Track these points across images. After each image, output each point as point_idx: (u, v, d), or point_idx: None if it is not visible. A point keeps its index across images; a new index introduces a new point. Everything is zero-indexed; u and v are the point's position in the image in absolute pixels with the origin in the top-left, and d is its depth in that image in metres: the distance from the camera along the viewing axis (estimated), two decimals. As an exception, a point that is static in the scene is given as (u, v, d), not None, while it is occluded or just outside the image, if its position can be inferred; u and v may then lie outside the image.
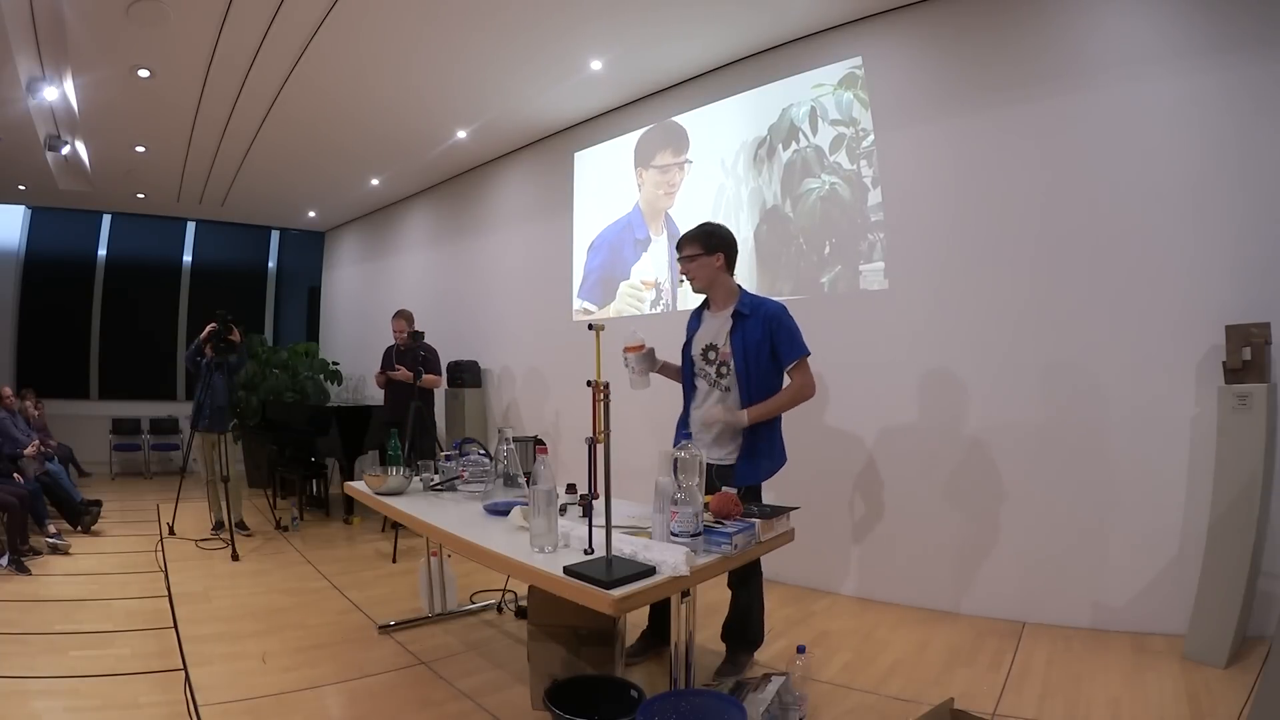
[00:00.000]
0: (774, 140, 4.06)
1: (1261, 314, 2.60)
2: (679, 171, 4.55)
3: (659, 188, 4.70)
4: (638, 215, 4.85)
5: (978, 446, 3.26)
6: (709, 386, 2.52)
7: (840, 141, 3.78)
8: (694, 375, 2.58)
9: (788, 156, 3.99)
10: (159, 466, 7.73)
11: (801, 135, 3.93)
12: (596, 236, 5.14)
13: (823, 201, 3.82)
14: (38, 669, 2.53)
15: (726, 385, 2.47)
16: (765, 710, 1.95)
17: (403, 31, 3.90)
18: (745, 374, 2.43)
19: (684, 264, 2.54)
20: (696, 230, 2.56)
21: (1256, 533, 2.48)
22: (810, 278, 3.87)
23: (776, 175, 4.03)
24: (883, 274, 3.61)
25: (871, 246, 3.64)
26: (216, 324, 4.61)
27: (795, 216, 3.95)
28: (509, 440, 2.66)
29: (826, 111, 3.83)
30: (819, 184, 3.84)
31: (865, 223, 3.66)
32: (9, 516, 3.90)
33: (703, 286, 2.56)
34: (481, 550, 1.97)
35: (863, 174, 3.68)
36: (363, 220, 8.49)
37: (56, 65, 4.19)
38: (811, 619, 3.22)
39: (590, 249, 5.17)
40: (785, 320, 2.46)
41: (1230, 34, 2.75)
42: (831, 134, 3.81)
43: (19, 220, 7.75)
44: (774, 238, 4.05)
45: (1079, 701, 2.28)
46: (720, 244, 2.52)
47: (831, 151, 3.81)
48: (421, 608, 3.18)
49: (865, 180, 3.67)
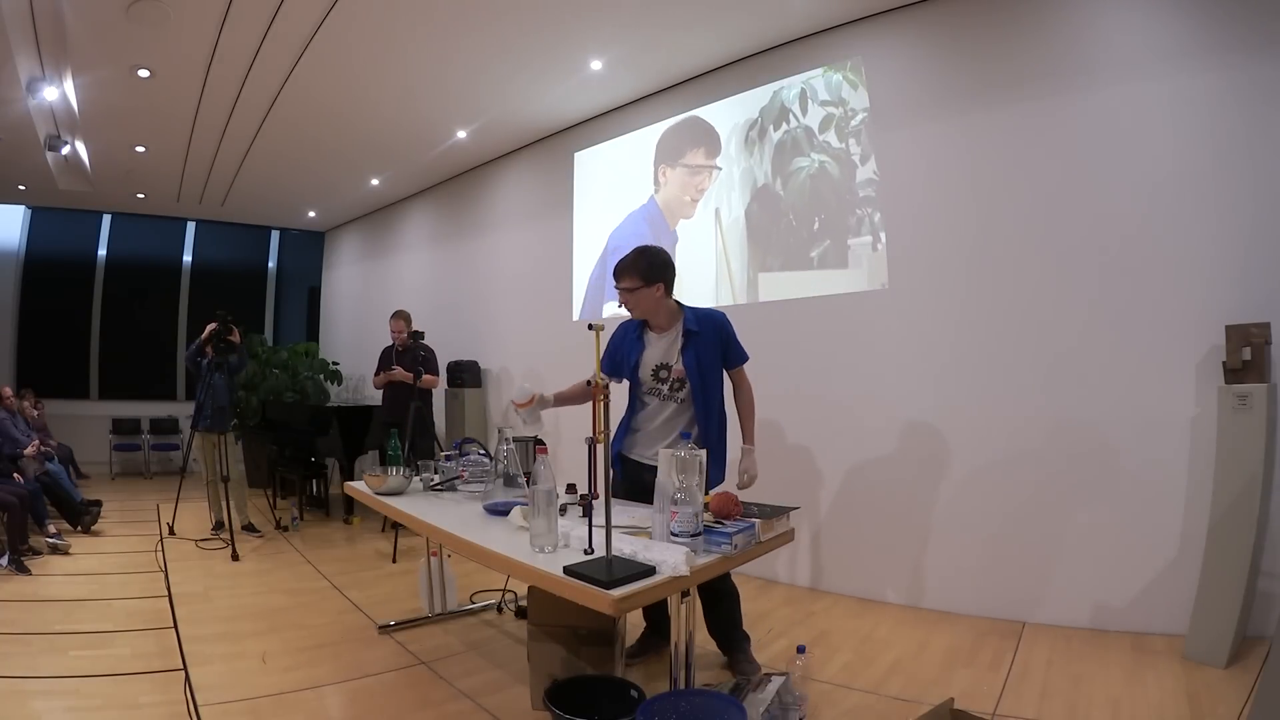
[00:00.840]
0: (765, 122, 4.12)
1: (1261, 314, 2.60)
2: (709, 176, 4.43)
3: (685, 190, 4.56)
4: (656, 211, 4.72)
5: (977, 446, 3.26)
6: (660, 401, 2.52)
7: (830, 121, 3.84)
8: (643, 394, 2.56)
9: (778, 137, 4.06)
10: (159, 466, 7.73)
11: (792, 116, 3.99)
12: (612, 238, 4.97)
13: (812, 179, 3.90)
14: (38, 669, 2.52)
15: (681, 398, 2.49)
16: (765, 710, 1.95)
17: (403, 32, 3.90)
18: (701, 387, 2.46)
19: (623, 295, 2.46)
20: (633, 261, 2.45)
21: (1256, 533, 2.48)
22: (800, 252, 3.94)
23: (768, 155, 4.11)
24: (870, 247, 3.66)
25: (859, 221, 3.71)
26: (217, 324, 4.61)
27: (785, 194, 4.01)
28: (509, 440, 2.65)
29: (816, 93, 3.90)
30: (809, 162, 3.91)
31: (854, 198, 3.73)
32: (9, 516, 3.90)
33: (644, 315, 2.53)
34: (481, 550, 1.97)
35: (851, 152, 3.75)
36: (363, 220, 8.49)
37: (56, 65, 4.20)
38: (811, 619, 3.22)
39: (611, 252, 4.93)
40: (729, 326, 2.54)
41: (1230, 33, 2.75)
42: (821, 114, 3.88)
43: (19, 220, 7.75)
44: (765, 215, 4.11)
45: (1079, 701, 2.28)
46: (659, 273, 2.44)
47: (821, 131, 3.88)
48: (421, 608, 3.18)
49: (854, 158, 3.74)
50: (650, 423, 2.54)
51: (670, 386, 2.50)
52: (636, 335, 2.56)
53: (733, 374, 2.59)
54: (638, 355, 2.53)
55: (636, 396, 2.59)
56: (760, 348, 3.01)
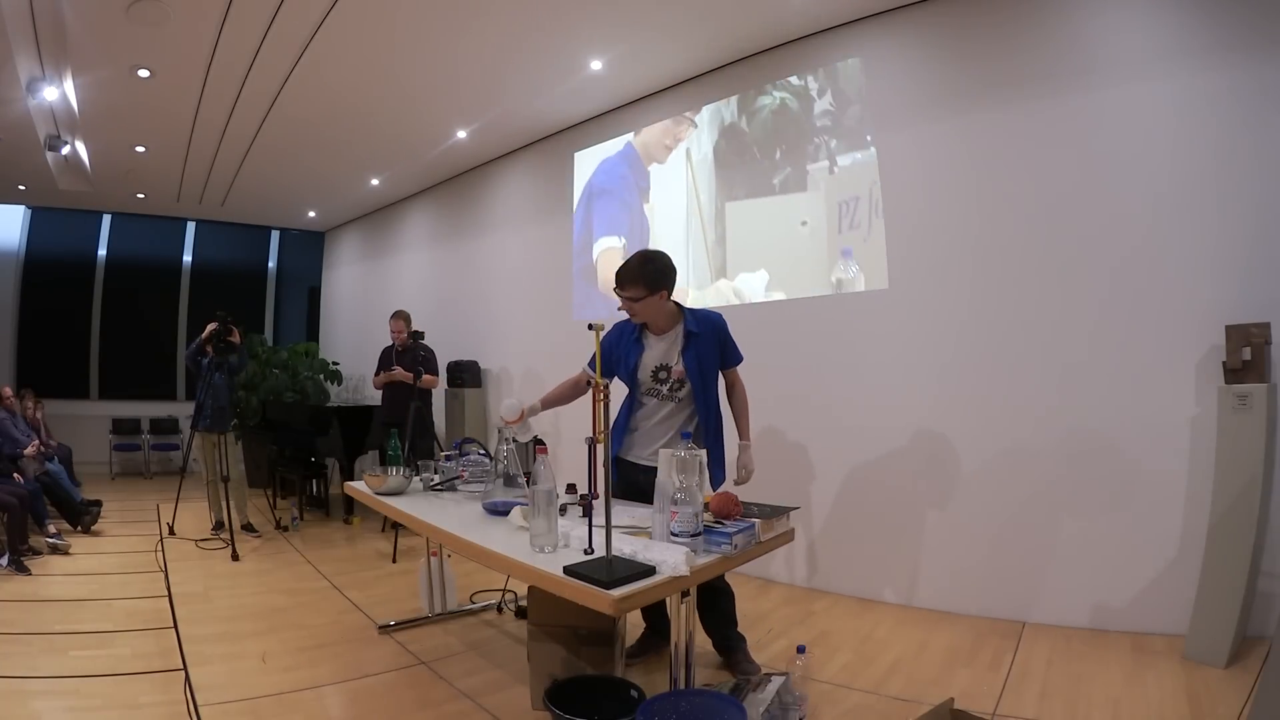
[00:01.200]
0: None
1: (1261, 314, 2.60)
2: (690, 126, 4.58)
3: (665, 137, 4.75)
4: (634, 153, 4.92)
5: (977, 447, 3.26)
6: (659, 401, 2.53)
7: None
8: (641, 394, 2.57)
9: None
10: (159, 466, 7.73)
11: None
12: (594, 180, 5.18)
13: (774, 115, 4.14)
14: (38, 669, 2.52)
15: (680, 398, 2.51)
16: (765, 710, 1.95)
17: (403, 31, 3.90)
18: (702, 387, 2.48)
19: (627, 303, 2.44)
20: (638, 268, 2.41)
21: (1256, 533, 2.48)
22: (764, 181, 4.16)
23: (734, 97, 4.34)
24: (828, 171, 3.87)
25: (817, 149, 3.92)
26: (217, 324, 4.61)
27: (750, 130, 4.25)
28: (509, 440, 2.65)
29: None
30: (770, 99, 4.15)
31: (812, 129, 3.95)
32: (9, 516, 3.90)
33: (647, 320, 2.52)
34: (481, 550, 1.97)
35: (810, 87, 3.96)
36: (363, 220, 8.49)
37: (56, 65, 4.19)
38: (811, 619, 3.22)
39: (597, 194, 5.16)
40: (727, 328, 2.58)
41: (1230, 33, 2.75)
42: None
43: (19, 220, 7.75)
44: (730, 150, 4.35)
45: (1079, 701, 2.28)
46: (664, 279, 2.42)
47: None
48: (421, 608, 3.18)
49: (811, 92, 3.96)
50: (648, 421, 2.55)
51: (670, 387, 2.51)
52: (635, 337, 2.56)
53: (728, 374, 2.63)
54: (637, 357, 2.54)
55: (634, 397, 2.59)
56: (761, 348, 3.02)
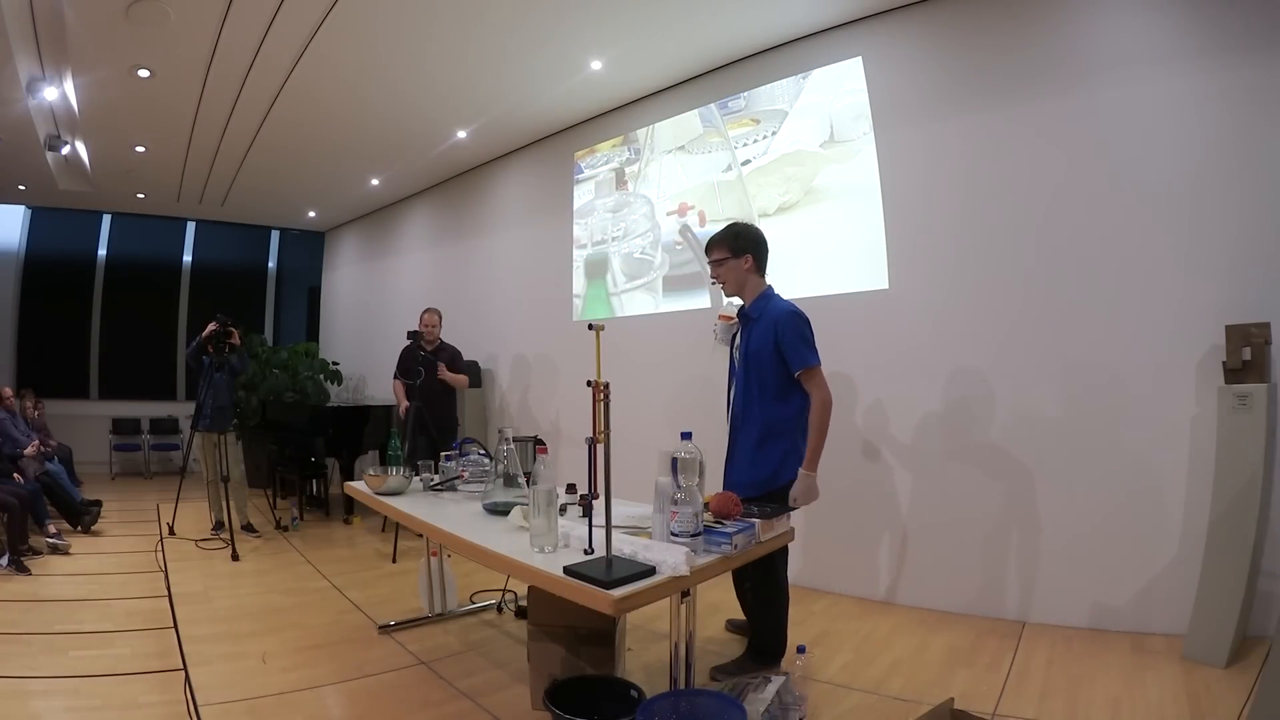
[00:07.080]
0: None
1: (1261, 314, 2.60)
2: None
3: None
4: None
5: (976, 447, 3.26)
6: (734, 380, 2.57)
7: None
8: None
9: None
10: (159, 466, 7.73)
11: None
12: None
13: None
14: (38, 669, 2.52)
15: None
16: (765, 710, 1.95)
17: (403, 32, 3.90)
18: (745, 379, 2.46)
19: (713, 268, 2.52)
20: (724, 232, 2.52)
21: (1256, 533, 2.48)
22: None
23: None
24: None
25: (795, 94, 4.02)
26: (217, 325, 4.61)
27: None
28: (509, 440, 2.65)
29: None
30: None
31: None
32: (9, 517, 3.90)
33: (734, 290, 2.54)
34: (481, 550, 1.97)
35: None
36: (363, 220, 8.49)
37: (56, 65, 4.19)
38: (811, 619, 3.21)
39: None
40: (790, 323, 2.39)
41: (1229, 33, 2.75)
42: None
43: (19, 220, 7.74)
44: None
45: (1079, 701, 2.28)
46: (748, 244, 2.49)
47: None
48: (421, 608, 3.18)
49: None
50: (734, 399, 2.56)
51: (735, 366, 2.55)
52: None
53: (800, 381, 2.39)
54: (735, 334, 2.60)
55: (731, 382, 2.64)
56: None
